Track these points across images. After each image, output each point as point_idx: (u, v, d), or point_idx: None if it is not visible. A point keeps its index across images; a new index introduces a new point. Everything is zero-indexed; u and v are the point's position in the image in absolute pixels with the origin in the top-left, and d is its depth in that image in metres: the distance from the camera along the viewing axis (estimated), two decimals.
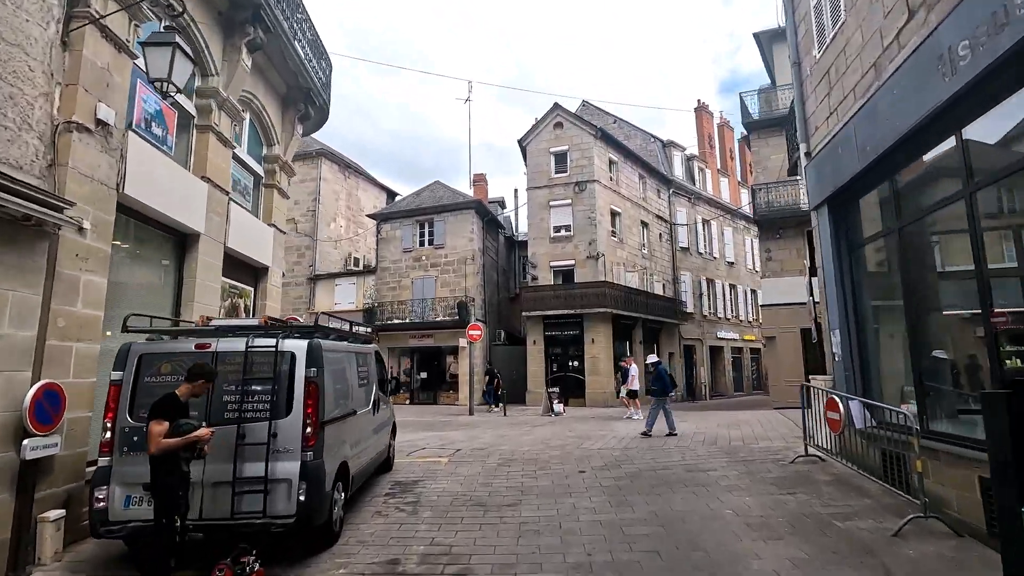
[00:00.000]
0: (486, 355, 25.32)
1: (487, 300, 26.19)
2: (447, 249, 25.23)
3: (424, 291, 25.15)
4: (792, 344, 17.80)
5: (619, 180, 25.40)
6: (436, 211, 25.69)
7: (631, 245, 25.63)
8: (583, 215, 23.31)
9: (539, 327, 23.07)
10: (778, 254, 18.52)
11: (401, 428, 10.83)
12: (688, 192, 31.27)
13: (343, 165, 30.17)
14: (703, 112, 35.43)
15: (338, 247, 29.43)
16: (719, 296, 32.74)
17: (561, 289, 22.39)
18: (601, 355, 22.07)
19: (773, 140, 19.00)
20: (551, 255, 23.60)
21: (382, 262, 26.33)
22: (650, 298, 24.94)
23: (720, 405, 24.46)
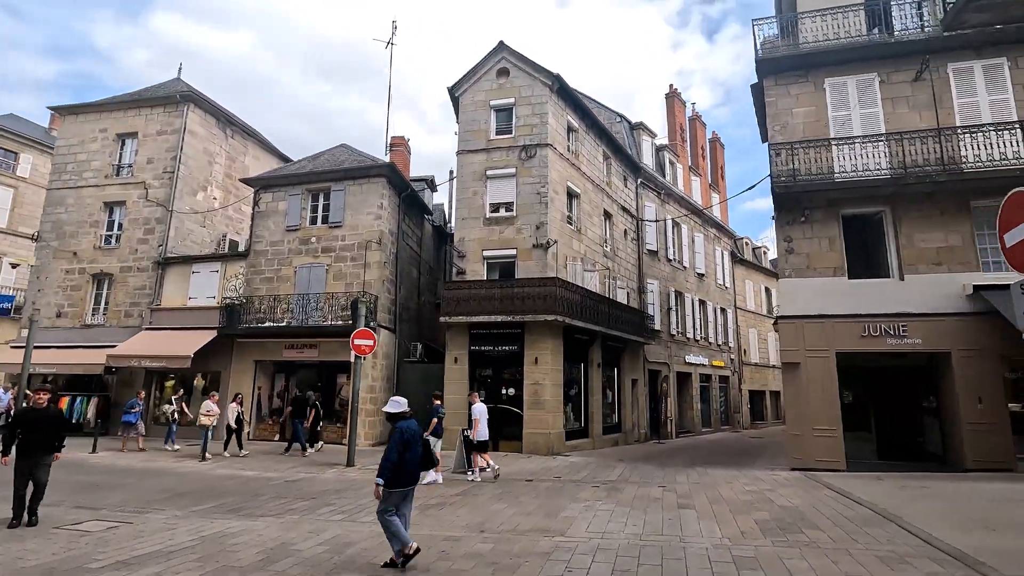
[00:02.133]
0: (391, 376, 18.64)
1: (399, 301, 19.61)
2: (345, 229, 18.57)
3: (311, 284, 18.33)
4: (824, 374, 12.16)
5: (579, 153, 19.61)
6: (333, 176, 19.01)
7: (591, 238, 19.78)
8: (530, 190, 17.27)
9: (463, 339, 16.68)
10: (803, 245, 12.98)
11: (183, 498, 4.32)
12: (658, 185, 25.95)
13: (223, 119, 23.06)
14: (675, 98, 30.53)
15: (207, 223, 22.17)
16: (688, 313, 27.40)
17: (497, 287, 16.16)
18: (546, 380, 15.88)
19: (797, 88, 13.61)
20: (485, 241, 17.37)
21: (257, 243, 19.34)
22: (613, 307, 19.08)
23: (696, 451, 18.64)
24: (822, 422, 12.00)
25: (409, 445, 5.73)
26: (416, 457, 5.81)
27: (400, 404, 6.04)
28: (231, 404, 15.25)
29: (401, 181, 19.57)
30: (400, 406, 6.02)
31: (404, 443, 5.69)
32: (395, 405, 6.04)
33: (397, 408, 6.00)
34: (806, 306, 12.57)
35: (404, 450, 5.66)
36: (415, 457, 5.79)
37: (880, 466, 12.05)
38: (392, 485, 5.60)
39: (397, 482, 5.61)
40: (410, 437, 5.77)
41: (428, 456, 6.09)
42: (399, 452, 5.62)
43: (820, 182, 12.47)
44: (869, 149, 12.42)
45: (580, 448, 16.93)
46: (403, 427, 5.80)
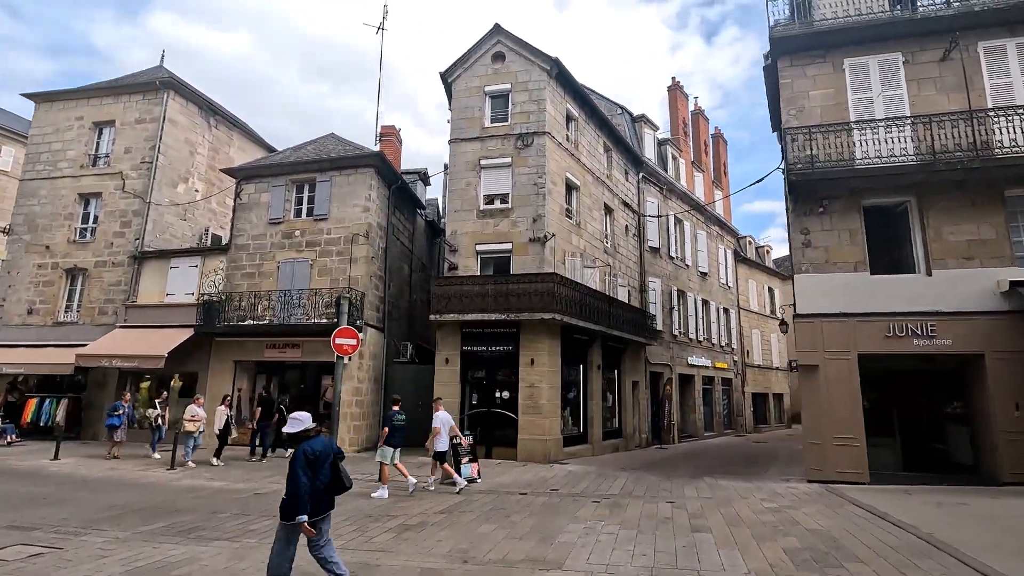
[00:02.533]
0: (378, 377, 17.61)
1: (389, 299, 18.59)
2: (331, 222, 17.53)
3: (295, 280, 17.29)
4: (845, 378, 11.17)
5: (579, 144, 18.60)
6: (319, 166, 17.97)
7: (591, 233, 18.77)
8: (527, 180, 16.26)
9: (455, 338, 15.66)
10: (821, 238, 11.98)
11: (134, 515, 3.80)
12: (660, 180, 24.96)
13: (206, 108, 22.02)
14: (677, 91, 29.54)
15: (189, 217, 21.13)
16: (691, 313, 26.41)
17: (490, 283, 15.14)
18: (543, 383, 14.86)
19: (814, 69, 12.62)
20: (479, 235, 16.35)
21: (239, 236, 18.29)
22: (614, 306, 18.07)
23: (701, 458, 17.64)
24: (843, 430, 11.00)
25: (316, 467, 4.71)
26: (324, 482, 4.79)
27: (301, 422, 4.97)
28: (220, 408, 14.14)
29: (391, 172, 18.55)
30: (301, 424, 4.94)
31: (310, 465, 4.68)
32: (295, 424, 4.95)
33: (297, 427, 4.93)
34: (825, 304, 11.57)
35: (312, 473, 4.67)
36: (323, 483, 4.77)
37: (906, 478, 11.05)
38: (288, 515, 4.61)
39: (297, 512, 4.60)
40: (315, 458, 4.74)
41: (337, 480, 4.92)
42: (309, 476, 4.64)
43: (840, 169, 11.47)
44: (894, 134, 11.43)
45: (579, 455, 15.92)
46: (306, 448, 4.77)
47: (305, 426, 4.92)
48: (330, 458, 4.86)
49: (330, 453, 4.90)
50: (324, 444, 4.90)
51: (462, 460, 11.33)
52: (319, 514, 4.74)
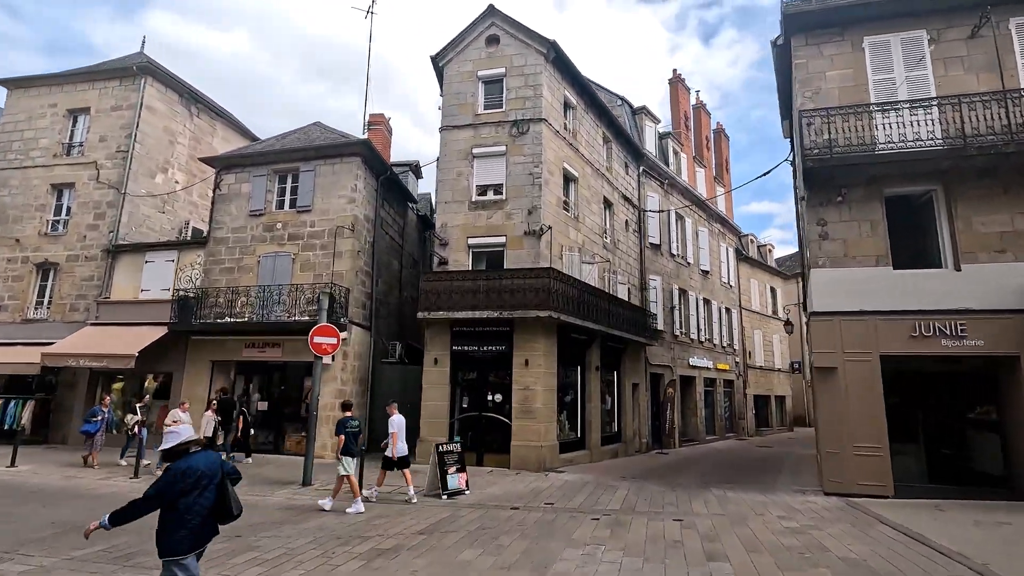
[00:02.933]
0: (364, 378, 16.64)
1: (376, 296, 17.62)
2: (315, 214, 16.56)
3: (276, 275, 16.32)
4: (866, 381, 10.25)
5: (577, 133, 17.67)
6: (302, 155, 16.99)
7: (589, 227, 17.84)
8: (522, 170, 15.32)
9: (444, 337, 14.70)
10: (839, 230, 11.06)
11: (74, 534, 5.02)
12: (661, 174, 24.04)
13: (187, 96, 21.02)
14: (679, 84, 28.65)
15: (168, 209, 20.13)
16: (692, 312, 25.50)
17: (482, 278, 14.18)
18: (538, 385, 13.92)
19: (831, 48, 11.71)
20: (471, 227, 15.40)
21: (218, 229, 17.31)
22: (613, 304, 17.14)
23: (705, 464, 16.70)
24: (864, 438, 10.08)
25: (193, 490, 3.77)
26: (204, 507, 3.83)
27: (178, 435, 4.04)
28: (207, 413, 12.98)
29: (379, 162, 17.58)
30: (178, 437, 4.02)
31: (181, 488, 3.73)
32: (172, 438, 4.02)
33: (172, 441, 3.99)
34: (844, 301, 10.65)
35: (178, 497, 3.72)
36: (202, 508, 3.81)
37: (932, 491, 10.13)
38: (166, 551, 3.68)
39: (172, 545, 3.67)
40: (194, 479, 3.79)
41: (224, 505, 3.93)
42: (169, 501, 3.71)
43: (861, 154, 10.55)
44: (919, 116, 10.52)
45: (576, 462, 14.98)
46: (179, 467, 3.81)
47: (181, 440, 3.96)
48: (216, 479, 3.91)
49: (217, 472, 3.94)
50: (209, 462, 3.93)
51: (448, 470, 10.37)
52: (199, 545, 3.81)
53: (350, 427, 9.50)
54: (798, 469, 15.75)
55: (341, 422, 9.59)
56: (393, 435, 10.04)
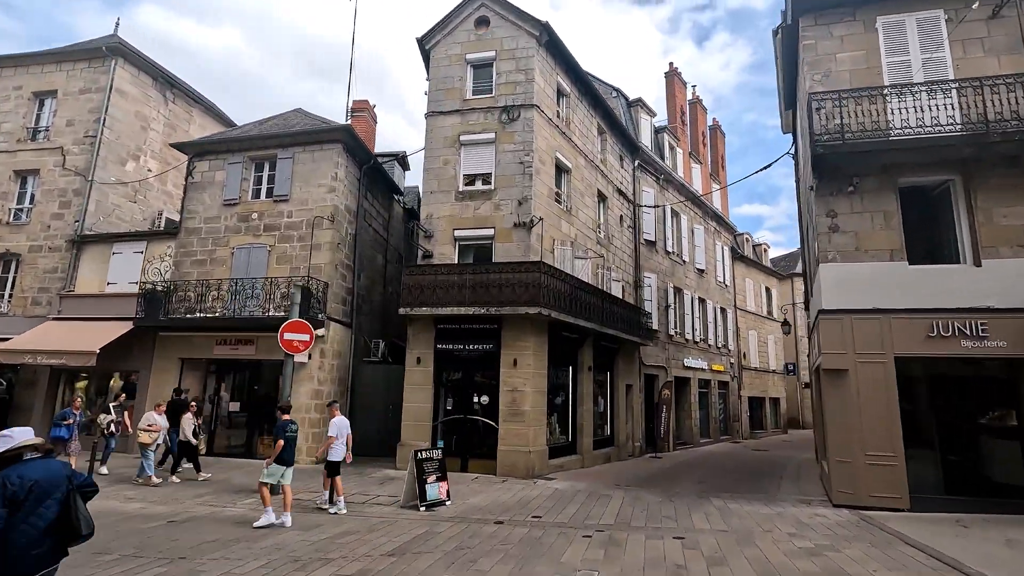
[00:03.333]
0: (343, 378, 15.73)
1: (358, 291, 16.72)
2: (293, 203, 15.64)
3: (250, 268, 15.38)
4: (880, 385, 9.50)
5: (570, 122, 16.85)
6: (279, 142, 16.06)
7: (583, 221, 17.03)
8: (512, 158, 14.48)
9: (428, 335, 13.84)
10: (851, 222, 10.31)
11: None
12: (657, 169, 23.30)
13: (162, 80, 19.99)
14: (675, 78, 27.93)
15: (140, 199, 19.10)
16: (687, 312, 24.78)
17: (469, 272, 13.32)
18: (527, 386, 13.09)
19: (842, 28, 10.96)
20: (457, 219, 14.54)
21: (189, 219, 16.33)
22: (607, 302, 16.33)
23: (702, 469, 15.94)
24: (878, 446, 9.33)
25: (26, 503, 3.03)
26: (39, 526, 3.06)
27: (11, 438, 3.31)
28: (186, 415, 11.88)
29: (362, 150, 16.67)
30: (9, 441, 3.28)
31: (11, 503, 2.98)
32: (3, 442, 3.27)
33: (3, 446, 3.25)
34: (856, 297, 9.90)
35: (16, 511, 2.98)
36: (35, 527, 3.05)
37: (950, 504, 9.38)
38: None
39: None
40: (26, 490, 3.07)
41: (66, 522, 3.18)
42: None
43: (876, 140, 9.80)
44: (938, 100, 9.78)
45: (567, 467, 14.17)
46: (9, 476, 3.08)
47: (13, 444, 3.16)
48: (59, 492, 3.10)
49: (61, 484, 3.13)
50: (50, 472, 3.17)
51: (427, 479, 9.51)
52: (37, 570, 3.01)
53: (290, 432, 8.58)
54: (799, 475, 15.04)
55: (280, 426, 8.66)
56: (329, 439, 9.30)
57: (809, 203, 11.79)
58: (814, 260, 10.98)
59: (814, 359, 12.52)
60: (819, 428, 13.11)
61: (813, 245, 11.45)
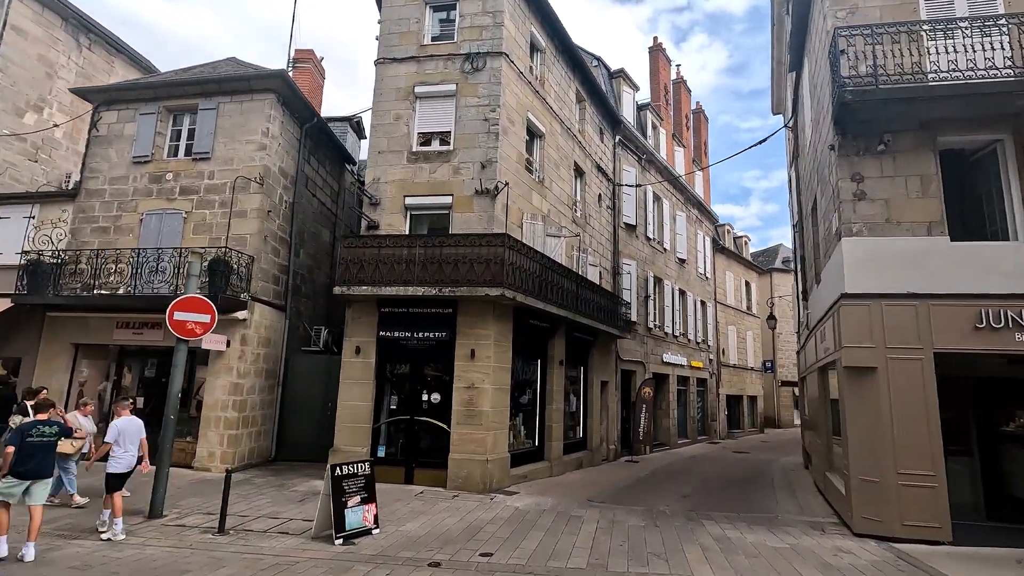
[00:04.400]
0: (273, 370, 13.41)
1: (296, 269, 14.38)
2: (216, 162, 13.21)
3: (163, 237, 12.91)
4: (915, 387, 7.69)
5: (545, 81, 14.76)
6: (201, 89, 13.57)
7: (557, 195, 14.99)
8: (475, 115, 12.33)
9: (369, 319, 11.63)
10: (880, 187, 8.48)
11: None
12: (638, 148, 21.40)
13: (74, 22, 17.17)
14: (659, 53, 26.08)
15: (43, 157, 16.33)
16: (668, 303, 23.03)
17: (420, 245, 11.12)
18: (486, 382, 11.00)
19: None
20: (409, 184, 12.33)
21: (92, 179, 13.75)
22: (583, 287, 14.34)
23: (685, 477, 14.10)
24: (913, 463, 7.53)
25: None
26: None
27: None
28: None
29: (303, 106, 14.29)
30: None
31: None
32: None
33: None
34: (886, 279, 8.08)
35: None
36: None
37: (996, 534, 7.64)
38: None
39: None
40: None
41: None
42: None
43: (916, 86, 7.95)
44: (989, 38, 7.97)
45: (532, 477, 12.17)
46: None
47: None
48: None
49: None
50: None
51: (348, 501, 7.35)
52: None
53: (36, 436, 6.34)
54: (791, 484, 13.36)
55: (21, 429, 6.43)
56: (104, 445, 7.33)
57: (819, 172, 9.93)
58: (832, 235, 9.14)
59: (821, 355, 10.74)
60: (823, 434, 11.37)
61: (827, 220, 9.60)
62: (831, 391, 11.05)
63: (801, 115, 13.88)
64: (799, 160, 14.59)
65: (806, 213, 13.40)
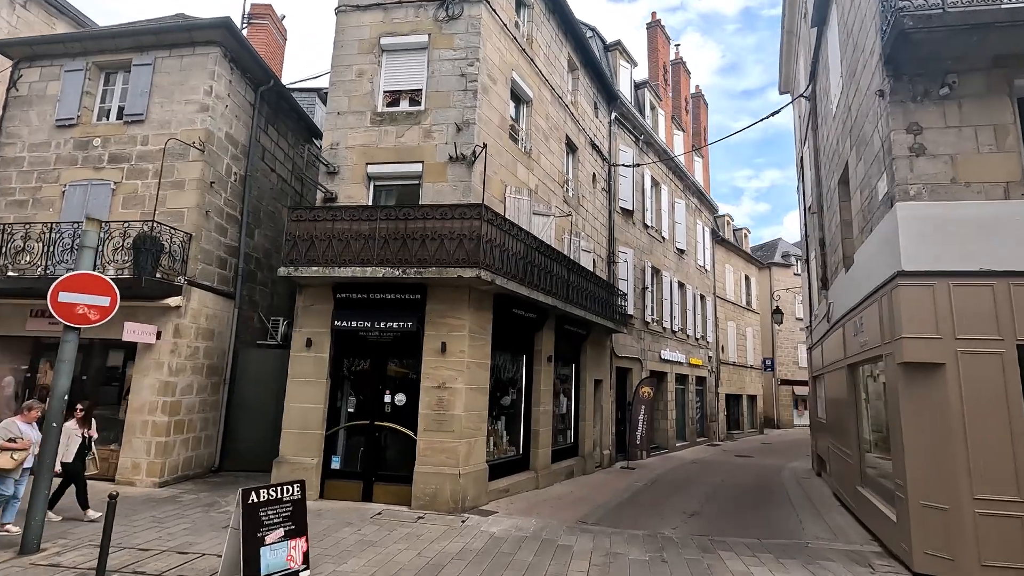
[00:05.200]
0: (217, 366, 11.62)
1: (247, 251, 12.61)
2: (150, 126, 11.40)
3: (88, 211, 11.02)
4: (994, 386, 6.06)
5: (533, 40, 13.05)
6: (137, 42, 11.76)
7: (545, 169, 13.28)
8: (450, 70, 10.59)
9: (323, 307, 9.89)
10: (943, 140, 6.83)
11: None
12: (636, 127, 19.73)
13: None
14: (658, 30, 24.45)
15: None
16: (666, 296, 21.42)
17: (382, 218, 9.36)
18: (460, 381, 9.30)
19: None
20: (373, 150, 10.58)
21: (9, 145, 11.90)
22: (575, 274, 12.64)
23: (688, 487, 12.47)
24: (994, 486, 5.90)
25: None
26: None
27: None
28: (67, 424, 7.53)
29: (256, 65, 12.49)
30: None
31: None
32: None
33: None
34: (955, 254, 6.44)
35: None
36: None
37: None
38: None
39: None
40: None
41: None
42: None
43: (989, 8, 6.30)
44: None
45: (515, 490, 10.49)
46: None
47: None
48: None
49: None
50: None
51: (267, 537, 5.60)
52: None
53: None
54: (810, 497, 11.79)
55: None
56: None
57: (853, 134, 8.26)
58: (877, 204, 7.48)
59: (854, 350, 9.10)
60: (850, 441, 9.75)
61: (867, 188, 7.94)
62: (863, 392, 9.44)
63: (822, 80, 12.26)
64: (818, 132, 12.97)
65: (829, 189, 11.78)
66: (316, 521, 7.90)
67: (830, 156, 11.54)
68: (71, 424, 7.75)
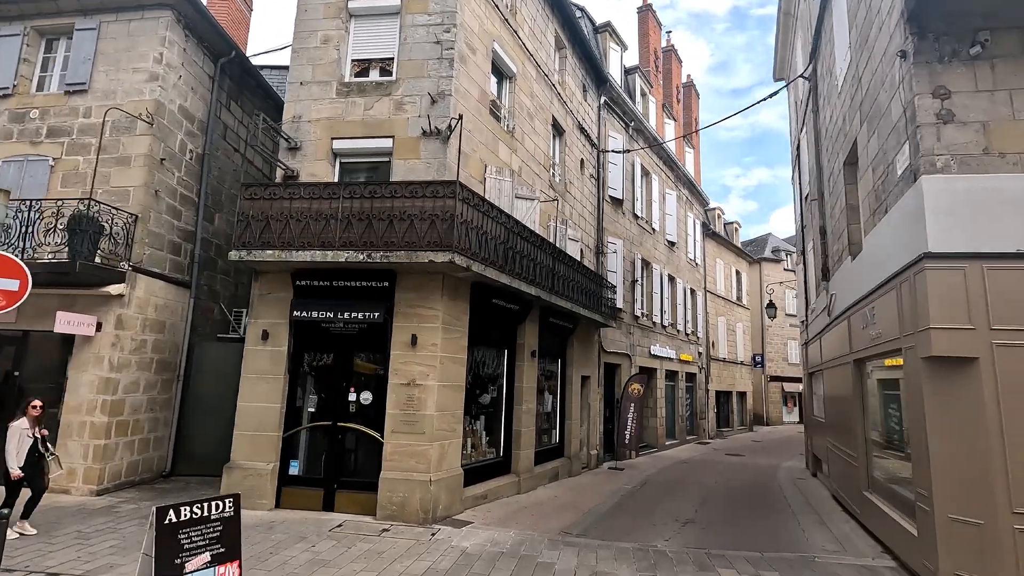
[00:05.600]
0: (171, 362, 10.61)
1: (205, 238, 11.60)
2: (94, 96, 10.35)
3: (24, 190, 10.02)
4: None
5: (517, 11, 12.14)
6: (80, 6, 10.66)
7: (530, 151, 12.40)
8: (424, 37, 9.66)
9: (281, 295, 8.94)
10: (973, 106, 6.04)
11: None
12: (626, 113, 18.90)
13: None
14: (650, 15, 23.61)
15: None
16: (656, 290, 20.66)
17: (346, 196, 8.42)
18: (432, 378, 8.41)
19: None
20: (339, 124, 9.62)
21: None
22: (561, 263, 11.77)
23: (683, 491, 11.69)
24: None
25: None
26: None
27: None
28: (14, 424, 6.65)
29: (216, 34, 11.46)
30: None
31: None
32: None
33: None
34: (989, 233, 5.67)
35: None
36: None
37: None
38: None
39: None
40: None
41: None
42: None
43: None
44: None
45: (494, 496, 9.64)
46: None
47: None
48: None
49: None
50: None
51: (185, 563, 4.69)
52: None
53: None
54: (809, 501, 11.08)
55: None
56: None
57: (864, 107, 7.47)
58: (897, 180, 6.70)
59: (863, 344, 8.35)
60: (854, 442, 9.00)
61: (883, 164, 7.16)
62: (869, 389, 8.70)
63: (824, 58, 11.50)
64: (819, 114, 12.21)
65: (832, 173, 11.02)
66: (266, 536, 7.00)
67: (834, 137, 10.77)
68: (21, 423, 6.76)
